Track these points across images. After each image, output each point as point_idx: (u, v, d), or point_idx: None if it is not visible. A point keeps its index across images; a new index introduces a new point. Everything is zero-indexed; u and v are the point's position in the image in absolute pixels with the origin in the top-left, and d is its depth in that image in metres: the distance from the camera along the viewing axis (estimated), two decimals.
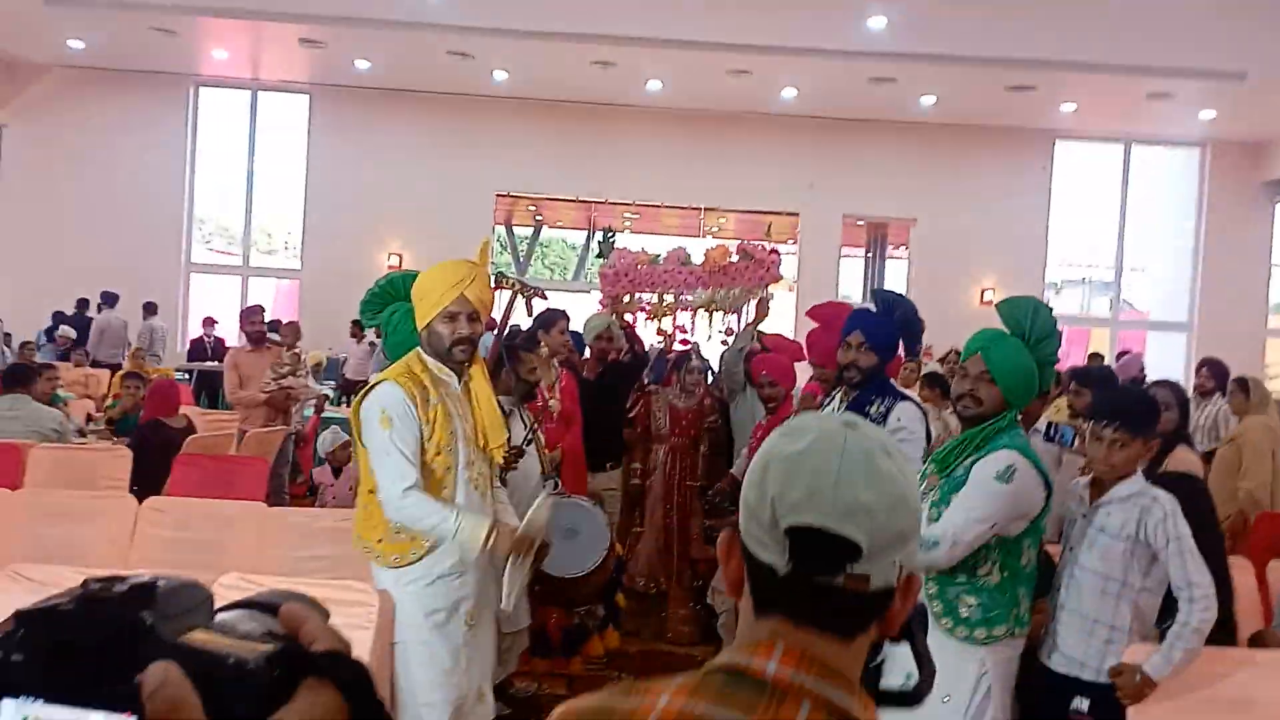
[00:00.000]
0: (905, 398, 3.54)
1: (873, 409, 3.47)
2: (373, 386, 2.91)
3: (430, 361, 2.96)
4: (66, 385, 10.01)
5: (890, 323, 3.48)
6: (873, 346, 3.40)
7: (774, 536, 0.95)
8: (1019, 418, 2.92)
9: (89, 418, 8.07)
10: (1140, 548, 2.81)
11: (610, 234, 5.89)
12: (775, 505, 0.95)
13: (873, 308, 3.59)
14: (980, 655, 2.72)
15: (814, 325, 4.27)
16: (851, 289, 17.66)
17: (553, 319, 5.18)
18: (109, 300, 12.72)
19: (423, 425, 2.84)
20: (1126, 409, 2.94)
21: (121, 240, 13.95)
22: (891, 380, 3.63)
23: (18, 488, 4.74)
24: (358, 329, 12.41)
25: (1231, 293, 14.59)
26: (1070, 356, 12.72)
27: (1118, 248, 15.49)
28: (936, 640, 2.74)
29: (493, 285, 3.63)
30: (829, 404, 3.73)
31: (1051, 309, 2.94)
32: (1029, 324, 2.82)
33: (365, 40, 12.29)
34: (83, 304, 13.15)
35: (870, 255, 17.48)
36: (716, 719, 0.89)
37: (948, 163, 14.52)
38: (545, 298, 5.22)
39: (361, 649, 2.85)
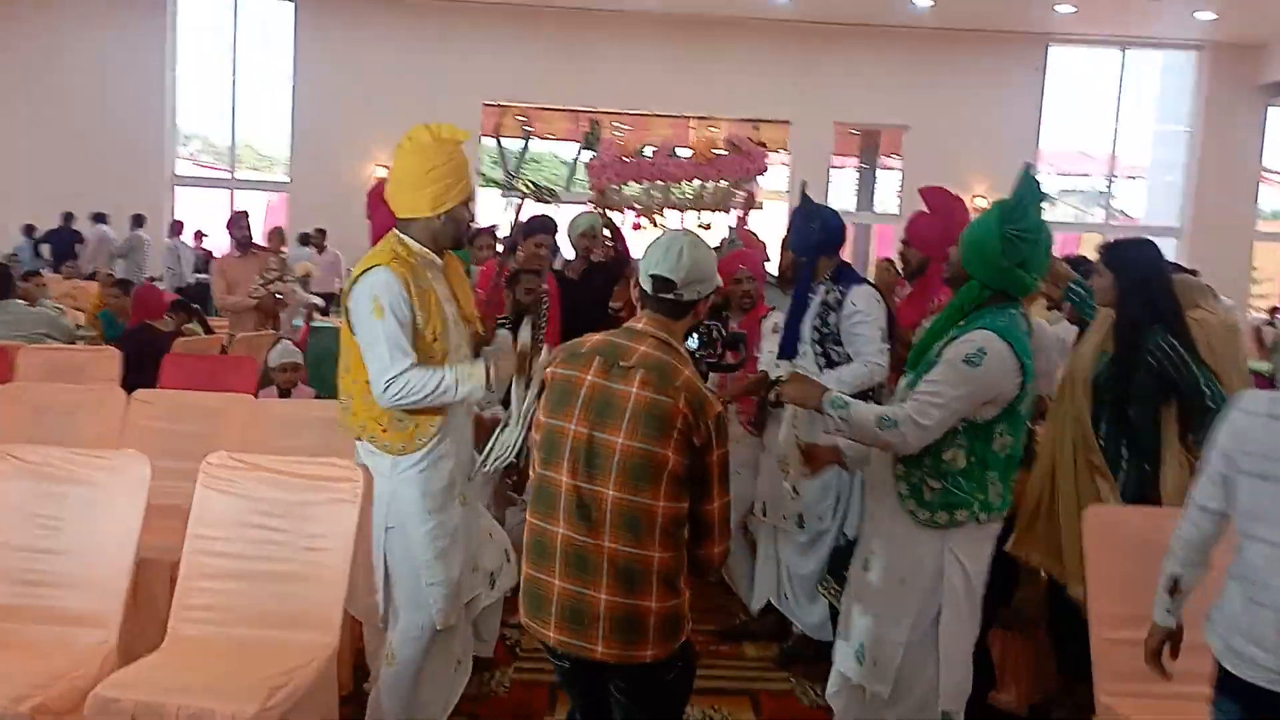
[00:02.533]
0: (862, 282, 3.79)
1: (829, 296, 3.74)
2: (364, 271, 2.79)
3: (414, 245, 2.85)
4: (56, 297, 9.99)
5: (809, 230, 3.86)
6: (793, 248, 3.96)
7: (646, 278, 2.27)
8: (1020, 300, 2.72)
9: (78, 327, 8.08)
10: None
11: (596, 127, 5.83)
12: (646, 264, 2.28)
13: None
14: (939, 538, 2.65)
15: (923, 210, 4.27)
16: (844, 199, 17.55)
17: (530, 230, 5.17)
18: (100, 219, 12.74)
19: (416, 311, 2.76)
20: None
21: (103, 152, 13.79)
22: (850, 266, 3.90)
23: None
24: (321, 237, 12.42)
25: (1223, 197, 14.55)
26: None
27: (1111, 154, 15.39)
28: (900, 523, 2.69)
29: (506, 191, 3.64)
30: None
31: (1037, 194, 2.66)
32: (1014, 195, 2.65)
33: None
34: (68, 218, 13.05)
35: (863, 164, 17.34)
36: (614, 341, 2.25)
37: (941, 68, 14.33)
38: (560, 200, 5.17)
39: (348, 524, 2.92)
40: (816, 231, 3.82)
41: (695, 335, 2.60)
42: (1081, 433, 3.23)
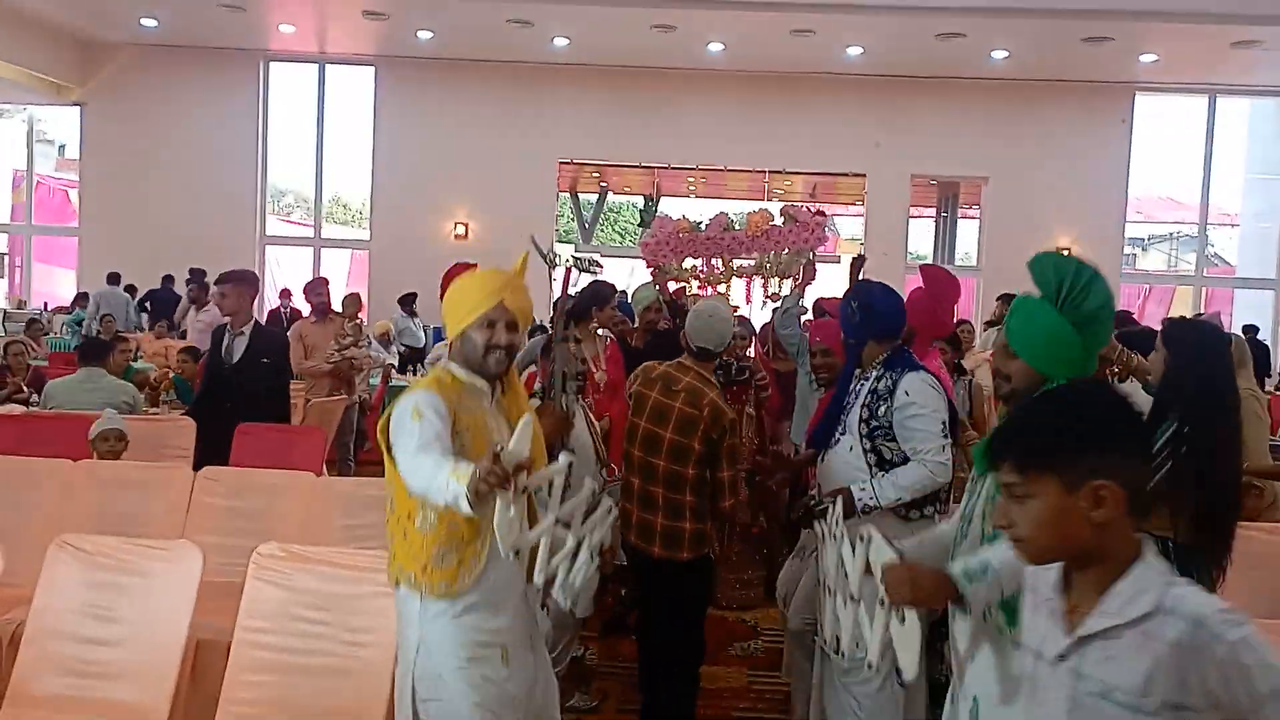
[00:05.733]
0: (915, 369, 3.35)
1: (880, 384, 3.34)
2: (402, 396, 2.66)
3: (460, 372, 2.73)
4: (148, 356, 10.40)
5: (850, 311, 3.49)
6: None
7: (691, 346, 3.80)
8: None
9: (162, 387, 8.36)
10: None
11: (652, 202, 5.90)
12: (693, 334, 3.79)
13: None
14: None
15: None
16: (922, 250, 17.30)
17: (605, 296, 5.21)
18: (197, 278, 13.22)
19: (458, 434, 2.58)
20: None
21: (200, 214, 14.38)
22: (907, 351, 3.48)
23: (88, 457, 4.97)
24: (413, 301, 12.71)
25: None
26: (1153, 316, 12.33)
27: (1202, 202, 14.86)
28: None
29: (549, 266, 3.57)
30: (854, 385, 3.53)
31: (1087, 266, 2.34)
32: (1055, 279, 2.33)
33: (427, 10, 12.39)
34: (167, 280, 13.59)
35: (941, 216, 17.10)
36: (670, 373, 3.79)
37: (1021, 119, 14.10)
38: (600, 268, 5.22)
39: (389, 618, 2.89)
40: (857, 314, 3.44)
41: (720, 368, 4.08)
42: None
